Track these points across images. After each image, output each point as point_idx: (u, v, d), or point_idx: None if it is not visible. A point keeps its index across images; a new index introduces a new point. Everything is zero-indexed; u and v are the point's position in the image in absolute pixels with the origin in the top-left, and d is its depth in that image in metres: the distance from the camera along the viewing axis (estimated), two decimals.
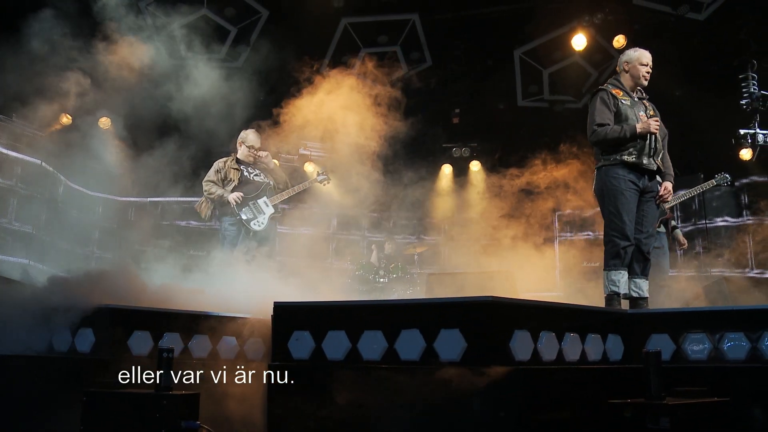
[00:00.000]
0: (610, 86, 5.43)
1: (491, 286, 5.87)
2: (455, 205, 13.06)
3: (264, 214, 7.40)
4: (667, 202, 5.55)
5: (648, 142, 5.23)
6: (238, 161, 7.47)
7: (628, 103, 5.31)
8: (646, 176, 5.29)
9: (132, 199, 11.31)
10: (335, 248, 12.61)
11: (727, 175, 8.33)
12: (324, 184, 8.47)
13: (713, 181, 8.26)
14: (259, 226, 7.36)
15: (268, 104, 7.95)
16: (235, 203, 7.24)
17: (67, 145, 9.59)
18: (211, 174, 7.38)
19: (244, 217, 7.29)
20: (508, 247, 10.87)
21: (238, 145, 7.54)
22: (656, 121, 5.24)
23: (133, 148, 9.14)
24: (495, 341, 3.18)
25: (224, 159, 7.51)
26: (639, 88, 5.46)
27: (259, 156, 7.56)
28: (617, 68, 5.56)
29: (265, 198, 7.48)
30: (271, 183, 7.64)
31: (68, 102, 9.63)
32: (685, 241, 8.51)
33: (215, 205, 7.33)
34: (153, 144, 9.11)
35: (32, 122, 9.85)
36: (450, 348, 3.20)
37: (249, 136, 7.52)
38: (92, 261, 10.63)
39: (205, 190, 7.33)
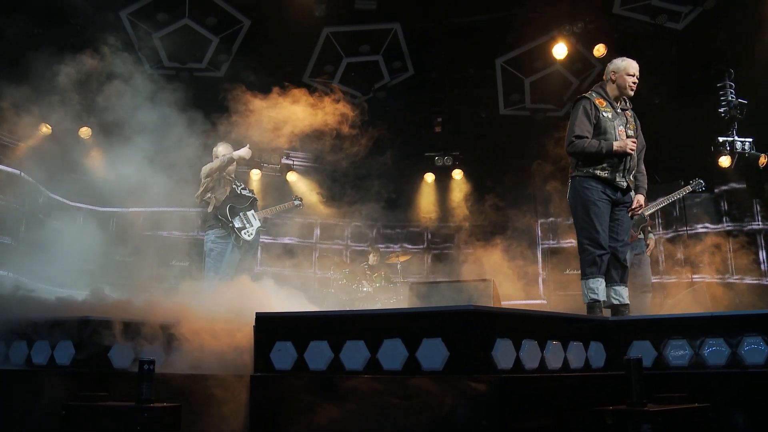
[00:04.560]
0: (594, 94, 5.42)
1: (474, 295, 5.88)
2: (438, 214, 13.07)
3: (252, 226, 7.53)
4: (638, 215, 5.60)
5: (623, 160, 5.27)
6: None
7: (610, 116, 5.32)
8: (618, 191, 5.34)
9: (113, 209, 11.21)
10: (318, 257, 12.59)
11: (701, 181, 8.37)
12: (299, 208, 8.76)
13: (688, 187, 8.30)
14: (249, 236, 7.47)
15: (247, 115, 7.93)
16: (247, 154, 7.34)
17: (48, 156, 9.50)
18: (204, 180, 7.37)
19: (237, 225, 7.38)
20: (491, 256, 10.90)
21: (213, 158, 7.57)
22: (633, 141, 5.27)
23: (114, 158, 9.07)
24: (477, 350, 3.19)
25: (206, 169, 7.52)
26: (623, 98, 5.48)
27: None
28: (603, 76, 5.56)
29: (253, 211, 7.60)
30: (257, 199, 7.79)
31: (48, 112, 9.55)
32: (653, 246, 8.51)
33: (205, 217, 7.29)
34: (134, 154, 9.04)
35: (11, 132, 9.75)
36: (432, 357, 3.21)
37: (219, 148, 7.58)
38: (73, 272, 10.52)
39: (209, 169, 7.28)
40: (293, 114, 8.00)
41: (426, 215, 13.03)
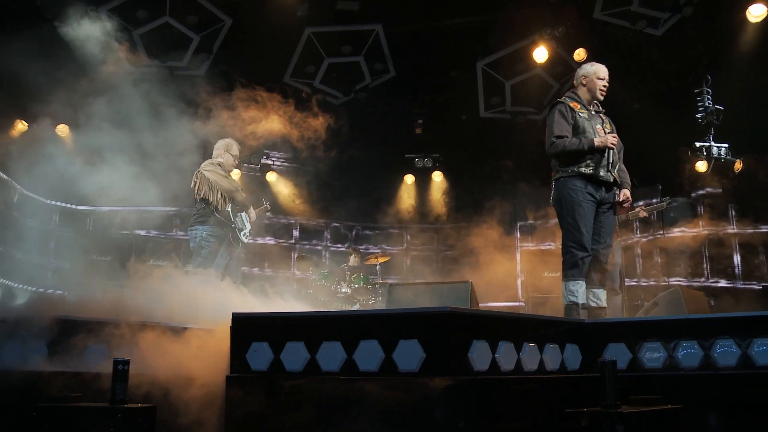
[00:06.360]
0: (568, 99, 5.51)
1: (451, 297, 5.89)
2: (417, 215, 13.10)
3: (246, 228, 7.32)
4: (627, 206, 5.65)
5: (605, 155, 5.32)
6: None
7: (586, 116, 5.40)
8: (603, 188, 5.38)
9: (90, 207, 11.11)
10: (297, 258, 12.56)
11: (668, 198, 8.94)
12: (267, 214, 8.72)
13: (664, 204, 8.79)
14: (245, 238, 7.32)
15: (226, 114, 7.88)
16: (253, 216, 7.30)
17: (23, 152, 9.38)
18: (222, 172, 7.12)
19: (239, 226, 7.16)
20: (470, 258, 10.94)
21: (221, 152, 7.27)
22: (614, 136, 5.34)
23: (92, 156, 8.99)
24: (454, 352, 3.20)
25: (217, 161, 7.23)
26: (595, 101, 5.56)
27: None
28: (574, 82, 5.67)
29: (245, 213, 7.39)
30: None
31: (24, 108, 9.43)
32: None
33: (200, 212, 7.06)
34: (113, 152, 8.97)
35: None
36: (409, 359, 3.21)
37: (234, 146, 7.33)
38: (48, 271, 10.40)
39: (231, 188, 7.07)
40: (273, 114, 7.97)
41: (406, 217, 13.05)
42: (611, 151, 5.34)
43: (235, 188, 7.15)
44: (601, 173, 5.32)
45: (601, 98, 5.52)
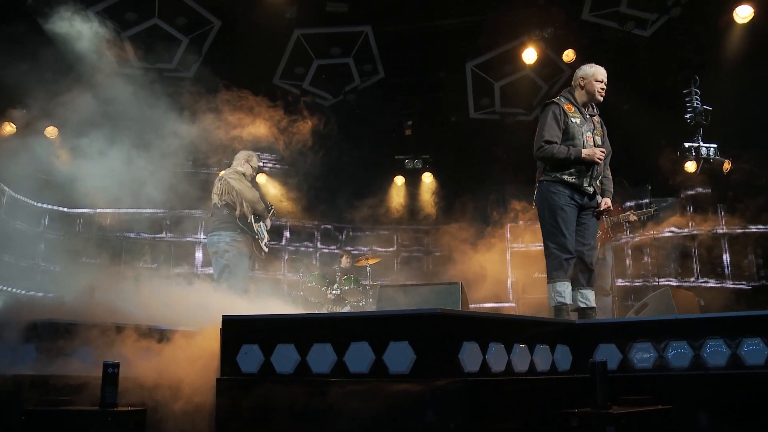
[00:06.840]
0: (563, 99, 5.46)
1: (442, 299, 5.90)
2: (408, 217, 13.10)
3: (265, 237, 7.38)
4: (607, 215, 5.67)
5: (590, 167, 5.33)
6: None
7: (578, 122, 5.37)
8: (586, 197, 5.39)
9: (80, 210, 11.05)
10: (287, 260, 12.53)
11: (654, 205, 9.15)
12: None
13: (651, 211, 8.90)
14: (266, 248, 7.38)
15: (215, 116, 7.86)
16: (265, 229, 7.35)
17: (11, 154, 9.32)
18: (246, 182, 7.28)
19: (261, 236, 7.26)
20: (460, 258, 10.95)
21: (242, 162, 7.40)
22: (602, 151, 5.33)
23: (81, 158, 8.94)
24: (444, 353, 3.20)
25: (240, 170, 7.36)
26: (592, 104, 5.53)
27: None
28: (572, 82, 5.60)
29: (263, 222, 7.46)
30: None
31: (12, 110, 9.37)
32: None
33: (223, 218, 7.13)
34: (102, 154, 8.92)
35: None
36: (399, 360, 3.21)
37: (254, 158, 7.50)
38: (37, 274, 10.34)
39: (254, 199, 7.20)
40: (262, 117, 7.95)
41: (396, 218, 13.04)
42: (596, 164, 5.34)
43: (257, 199, 7.29)
44: (584, 184, 5.34)
45: (600, 100, 5.45)
